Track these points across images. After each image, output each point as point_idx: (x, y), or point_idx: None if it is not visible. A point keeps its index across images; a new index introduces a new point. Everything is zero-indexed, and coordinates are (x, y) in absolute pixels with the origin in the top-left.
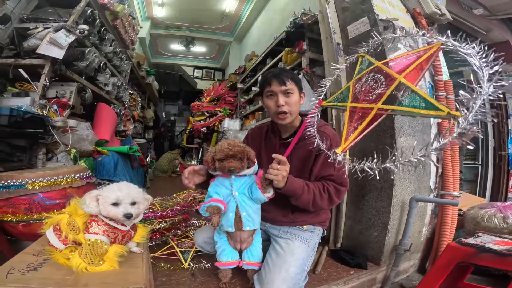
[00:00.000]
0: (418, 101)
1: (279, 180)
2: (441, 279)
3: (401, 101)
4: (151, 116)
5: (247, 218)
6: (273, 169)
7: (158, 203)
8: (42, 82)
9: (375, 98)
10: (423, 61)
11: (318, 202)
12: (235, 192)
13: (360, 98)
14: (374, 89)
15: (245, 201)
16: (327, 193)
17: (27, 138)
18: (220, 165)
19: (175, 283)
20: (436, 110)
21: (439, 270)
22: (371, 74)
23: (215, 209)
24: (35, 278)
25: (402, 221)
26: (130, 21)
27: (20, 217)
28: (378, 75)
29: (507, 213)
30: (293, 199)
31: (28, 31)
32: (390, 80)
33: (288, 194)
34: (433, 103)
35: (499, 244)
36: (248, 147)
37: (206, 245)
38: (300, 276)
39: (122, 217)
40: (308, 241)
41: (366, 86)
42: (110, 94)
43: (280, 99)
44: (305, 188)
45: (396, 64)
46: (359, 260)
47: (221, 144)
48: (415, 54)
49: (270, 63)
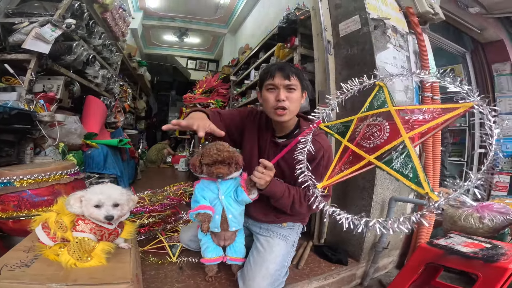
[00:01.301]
0: (408, 170)
1: (261, 184)
2: (412, 278)
3: (393, 163)
4: (143, 107)
5: (232, 220)
6: (259, 172)
7: (148, 197)
8: (28, 77)
9: (371, 148)
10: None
11: (296, 207)
12: (221, 196)
13: (356, 139)
14: (375, 138)
15: (231, 204)
16: (307, 201)
17: (15, 134)
18: (208, 170)
19: (163, 276)
20: (418, 186)
21: (410, 270)
22: (379, 118)
23: (205, 217)
24: (27, 274)
25: None
26: (120, 13)
27: (9, 213)
28: (385, 123)
29: (484, 213)
30: (273, 200)
31: (14, 26)
32: (394, 135)
33: (268, 195)
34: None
35: (468, 246)
36: (236, 152)
37: (191, 243)
38: (280, 272)
39: (103, 219)
40: (287, 237)
41: (368, 130)
42: (100, 86)
43: (282, 94)
44: (286, 193)
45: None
46: (340, 256)
47: (210, 148)
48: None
49: (263, 57)
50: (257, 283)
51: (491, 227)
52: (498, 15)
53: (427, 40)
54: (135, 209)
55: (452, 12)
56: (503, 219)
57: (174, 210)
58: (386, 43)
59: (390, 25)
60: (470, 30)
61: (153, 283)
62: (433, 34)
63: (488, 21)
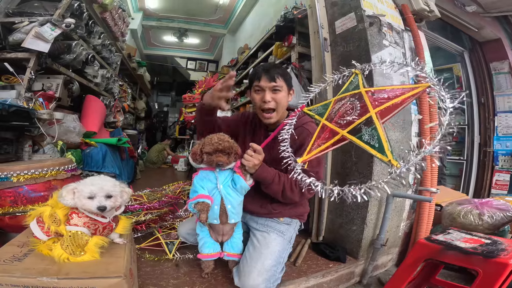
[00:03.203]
0: (374, 141)
1: (250, 167)
2: (410, 275)
3: (361, 135)
4: (143, 107)
5: (232, 211)
6: (248, 155)
7: (146, 195)
8: (27, 76)
9: (345, 124)
10: (404, 99)
11: (287, 193)
12: (220, 185)
13: (334, 119)
14: (348, 114)
15: (229, 194)
16: (298, 188)
17: (13, 131)
18: (208, 158)
19: (159, 273)
20: (382, 155)
21: (408, 267)
22: (352, 99)
23: (204, 206)
24: (19, 268)
25: (380, 216)
26: (120, 13)
27: (6, 209)
28: (356, 102)
29: (483, 210)
30: (264, 186)
31: (14, 25)
32: (364, 111)
33: (259, 180)
34: (383, 148)
35: (467, 241)
36: (236, 144)
37: (189, 236)
38: (276, 268)
39: (95, 209)
40: (284, 233)
41: (343, 109)
42: (99, 86)
43: (267, 95)
44: (276, 178)
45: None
46: (338, 254)
47: (211, 137)
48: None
49: (262, 56)
50: (253, 279)
51: (491, 224)
52: (495, 14)
53: (423, 37)
54: (132, 207)
55: (449, 10)
56: (503, 215)
57: (172, 208)
58: (382, 40)
59: (385, 22)
60: (467, 29)
61: (148, 279)
62: (430, 33)
63: (485, 20)
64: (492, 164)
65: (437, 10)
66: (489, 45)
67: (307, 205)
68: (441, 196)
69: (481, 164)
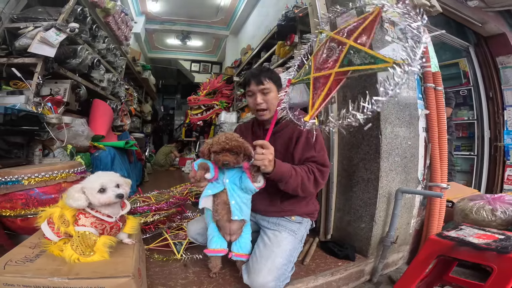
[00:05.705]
0: (367, 58)
1: (266, 165)
2: (422, 272)
3: (353, 62)
4: (149, 111)
5: (235, 207)
6: (258, 154)
7: (154, 197)
8: (35, 80)
9: (332, 65)
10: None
11: (306, 184)
12: (225, 179)
13: (321, 68)
14: (330, 57)
15: (234, 190)
16: (313, 174)
17: (23, 136)
18: (215, 157)
19: (167, 273)
20: (383, 63)
21: (420, 264)
22: (326, 45)
23: (205, 164)
24: (31, 269)
25: (389, 213)
26: (122, 17)
27: (18, 212)
28: (332, 44)
29: (496, 205)
30: (282, 183)
31: (19, 31)
32: (343, 46)
33: (277, 178)
34: (379, 56)
35: (480, 237)
36: (246, 143)
37: (199, 237)
38: (287, 267)
39: (115, 198)
40: (295, 232)
41: (324, 56)
42: (106, 90)
43: (258, 98)
44: (293, 171)
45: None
46: (347, 252)
47: (219, 137)
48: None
49: (265, 56)
50: (263, 276)
51: (504, 219)
52: (498, 8)
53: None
54: (140, 208)
55: (451, 5)
56: None
57: (180, 209)
58: (384, 36)
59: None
60: (472, 24)
61: (157, 279)
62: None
63: (489, 14)
64: (504, 159)
65: (439, 5)
66: (494, 39)
67: (317, 203)
68: (452, 192)
69: (492, 159)
